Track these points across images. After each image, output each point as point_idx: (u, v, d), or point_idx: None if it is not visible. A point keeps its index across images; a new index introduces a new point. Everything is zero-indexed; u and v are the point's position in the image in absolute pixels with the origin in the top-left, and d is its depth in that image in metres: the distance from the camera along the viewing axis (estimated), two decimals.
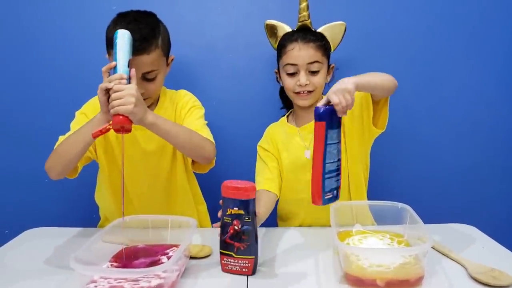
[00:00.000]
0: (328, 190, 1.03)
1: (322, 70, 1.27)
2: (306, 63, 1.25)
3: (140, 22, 1.15)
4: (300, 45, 1.25)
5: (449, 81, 1.61)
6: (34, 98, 1.58)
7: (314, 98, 1.29)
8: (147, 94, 1.17)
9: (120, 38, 1.06)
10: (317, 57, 1.25)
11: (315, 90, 1.27)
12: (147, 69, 1.15)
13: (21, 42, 1.54)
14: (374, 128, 1.23)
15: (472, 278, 0.91)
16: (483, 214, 1.62)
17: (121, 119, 0.99)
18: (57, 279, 0.93)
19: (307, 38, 1.26)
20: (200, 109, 1.30)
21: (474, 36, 1.59)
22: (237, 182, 0.94)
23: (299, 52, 1.25)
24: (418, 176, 1.65)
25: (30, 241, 1.19)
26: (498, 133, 1.64)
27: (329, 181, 1.03)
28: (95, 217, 1.38)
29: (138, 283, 0.83)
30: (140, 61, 1.12)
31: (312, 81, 1.26)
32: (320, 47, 1.26)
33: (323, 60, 1.27)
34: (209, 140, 1.18)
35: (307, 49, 1.25)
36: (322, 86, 1.29)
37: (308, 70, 1.25)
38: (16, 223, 1.31)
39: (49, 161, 1.12)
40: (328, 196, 1.04)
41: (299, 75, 1.26)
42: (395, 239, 1.05)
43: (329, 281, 0.92)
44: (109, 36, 1.14)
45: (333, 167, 1.05)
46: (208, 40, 1.57)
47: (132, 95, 0.98)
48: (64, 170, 1.12)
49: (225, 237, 0.94)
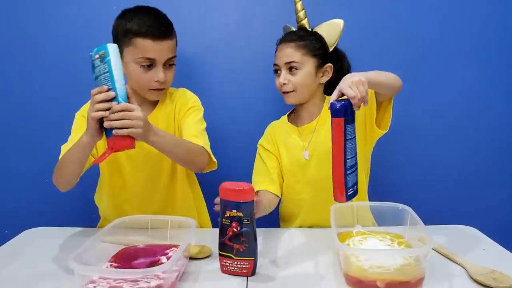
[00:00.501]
0: (350, 186, 1.02)
1: (302, 70, 1.26)
2: (284, 63, 1.27)
3: (157, 11, 1.21)
4: (282, 46, 1.29)
5: (450, 82, 1.61)
6: (34, 98, 1.58)
7: (297, 96, 1.29)
8: (167, 83, 1.22)
9: (112, 52, 0.95)
10: (295, 57, 1.26)
11: (296, 90, 1.27)
12: (171, 54, 1.20)
13: (21, 42, 1.55)
14: (377, 129, 1.23)
15: (473, 279, 0.90)
16: (484, 216, 1.61)
17: (128, 143, 0.97)
18: (56, 279, 0.93)
19: (289, 39, 1.29)
20: (199, 110, 1.30)
21: (476, 37, 1.58)
22: (235, 184, 0.93)
23: (279, 52, 1.29)
24: (419, 177, 1.65)
25: (29, 240, 1.19)
26: (499, 134, 1.64)
27: (350, 177, 1.01)
28: (95, 217, 1.38)
29: (138, 284, 0.83)
30: (166, 47, 1.17)
31: (291, 81, 1.27)
32: (301, 46, 1.26)
33: (304, 59, 1.26)
34: (205, 149, 1.19)
35: (285, 49, 1.27)
36: (304, 86, 1.28)
37: (288, 70, 1.27)
38: (16, 222, 1.30)
39: (54, 176, 1.13)
40: (350, 192, 1.03)
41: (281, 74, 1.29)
42: (396, 240, 1.04)
43: (329, 282, 0.91)
44: (122, 30, 1.16)
45: (353, 162, 1.03)
46: (209, 40, 1.57)
47: (140, 118, 0.97)
48: (69, 184, 1.13)
49: (224, 239, 0.94)
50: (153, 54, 1.16)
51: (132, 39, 1.15)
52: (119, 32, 1.18)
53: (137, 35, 1.15)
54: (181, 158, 1.16)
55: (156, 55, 1.16)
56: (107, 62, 0.95)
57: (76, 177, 1.11)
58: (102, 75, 0.96)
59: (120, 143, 0.97)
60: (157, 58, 1.16)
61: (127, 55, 1.17)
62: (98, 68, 0.97)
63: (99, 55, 0.95)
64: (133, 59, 1.17)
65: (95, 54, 0.96)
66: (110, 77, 0.95)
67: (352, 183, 1.03)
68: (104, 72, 0.96)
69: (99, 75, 0.97)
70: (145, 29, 1.14)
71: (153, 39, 1.15)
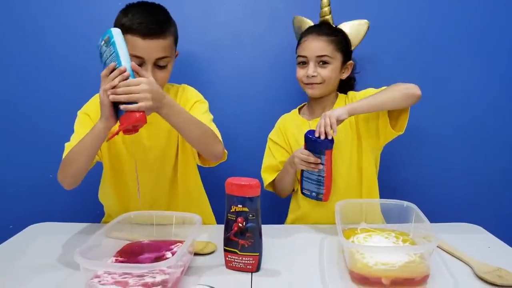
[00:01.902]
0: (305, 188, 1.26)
1: (332, 65, 1.28)
2: (315, 56, 1.27)
3: (155, 8, 1.16)
4: (312, 37, 1.29)
5: (455, 82, 1.60)
6: (39, 95, 1.58)
7: (323, 89, 1.30)
8: (158, 83, 1.16)
9: (117, 35, 0.98)
10: (327, 51, 1.27)
11: (324, 82, 1.29)
12: (162, 54, 1.13)
13: (25, 39, 1.54)
14: (392, 131, 1.23)
15: (478, 277, 0.90)
16: (489, 214, 1.61)
17: (137, 117, 0.95)
18: (61, 274, 0.93)
19: (320, 32, 1.29)
20: (204, 103, 1.29)
21: (481, 37, 1.58)
22: (241, 179, 0.93)
23: (310, 44, 1.28)
24: (425, 175, 1.65)
25: (34, 236, 1.19)
26: (504, 133, 1.63)
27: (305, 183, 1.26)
28: (99, 213, 1.38)
29: (143, 279, 0.83)
30: (155, 45, 1.11)
31: (320, 73, 1.28)
32: (332, 41, 1.28)
33: (335, 54, 1.28)
34: (219, 138, 1.18)
35: (318, 42, 1.27)
36: (333, 80, 1.30)
37: (317, 62, 1.28)
38: (20, 218, 1.31)
39: (60, 173, 1.11)
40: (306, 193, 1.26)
41: (308, 66, 1.28)
42: (400, 238, 1.04)
43: (334, 278, 0.91)
44: (118, 24, 1.13)
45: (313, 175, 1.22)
46: (213, 37, 1.57)
47: (146, 90, 0.96)
48: (75, 180, 1.11)
49: (229, 234, 0.94)
50: (141, 52, 1.10)
51: (124, 34, 1.10)
52: (116, 25, 1.14)
53: (128, 31, 1.10)
54: (197, 139, 1.12)
55: (145, 54, 1.10)
56: (112, 43, 0.97)
57: (84, 171, 1.09)
58: (109, 58, 0.99)
59: (129, 118, 0.96)
60: (145, 56, 1.10)
61: None
62: (105, 54, 0.99)
63: (104, 40, 0.99)
64: None
65: (101, 41, 0.99)
66: (116, 57, 0.97)
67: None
68: (110, 54, 0.98)
69: (107, 59, 0.99)
70: (136, 25, 1.09)
71: (143, 37, 1.09)
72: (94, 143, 1.04)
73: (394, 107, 1.19)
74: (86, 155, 1.06)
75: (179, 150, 1.29)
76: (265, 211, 1.01)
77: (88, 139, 1.04)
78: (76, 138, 1.12)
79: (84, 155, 1.06)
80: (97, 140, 1.03)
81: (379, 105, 1.18)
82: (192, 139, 1.13)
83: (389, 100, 1.17)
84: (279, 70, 1.58)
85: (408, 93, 1.16)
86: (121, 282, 0.83)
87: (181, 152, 1.29)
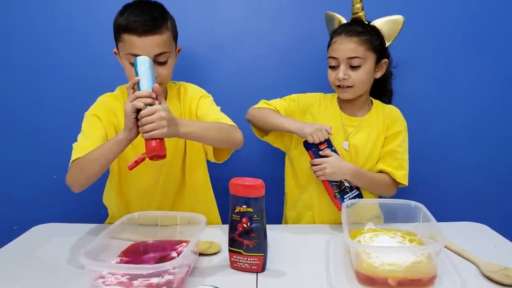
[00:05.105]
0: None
1: (364, 66, 1.23)
2: (346, 58, 1.22)
3: (149, 5, 1.16)
4: (342, 38, 1.23)
5: (460, 81, 1.59)
6: (43, 95, 1.57)
7: (355, 92, 1.26)
8: (160, 79, 1.15)
9: (140, 63, 1.03)
10: (358, 52, 1.21)
11: (355, 85, 1.24)
12: (159, 50, 1.13)
13: (30, 40, 1.54)
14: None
15: (485, 276, 0.90)
16: (496, 213, 1.60)
17: (154, 147, 0.98)
18: (65, 274, 0.93)
19: (350, 32, 1.22)
20: (208, 97, 1.30)
21: (485, 35, 1.57)
22: (245, 179, 0.93)
23: (340, 45, 1.23)
24: (431, 175, 1.63)
25: (38, 237, 1.19)
26: (511, 132, 1.62)
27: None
28: (103, 214, 1.38)
29: (148, 279, 0.83)
30: (152, 42, 1.11)
31: (351, 76, 1.23)
32: (364, 41, 1.22)
33: (367, 55, 1.22)
34: (234, 125, 1.18)
35: (348, 43, 1.21)
36: (364, 82, 1.26)
37: (348, 65, 1.23)
38: (25, 219, 1.30)
39: (71, 176, 1.10)
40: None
41: (339, 69, 1.24)
42: (407, 238, 1.03)
43: (340, 279, 0.91)
44: (115, 25, 1.14)
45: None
46: (216, 36, 1.56)
47: (162, 117, 0.97)
48: (87, 183, 1.10)
49: (234, 235, 0.93)
50: (138, 50, 1.10)
51: (121, 34, 1.12)
52: (114, 27, 1.15)
53: (124, 31, 1.10)
54: (217, 139, 1.14)
55: (143, 51, 1.10)
56: (136, 72, 1.04)
57: (96, 177, 1.08)
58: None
59: (149, 146, 0.99)
60: (144, 54, 1.09)
61: (120, 51, 1.15)
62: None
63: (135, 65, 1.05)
64: (123, 55, 1.14)
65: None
66: (138, 85, 1.03)
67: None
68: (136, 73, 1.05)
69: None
70: (131, 24, 1.09)
71: (138, 35, 1.10)
72: (113, 151, 1.04)
73: (372, 191, 1.31)
74: (102, 163, 1.05)
75: (186, 153, 1.29)
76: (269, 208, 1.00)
77: (107, 147, 1.04)
78: (86, 140, 1.12)
79: (99, 162, 1.05)
80: (117, 148, 1.03)
81: (368, 187, 1.29)
82: (214, 142, 1.15)
83: (375, 189, 1.30)
84: (282, 69, 1.57)
85: (387, 192, 1.31)
86: (125, 282, 0.82)
87: (189, 153, 1.29)
